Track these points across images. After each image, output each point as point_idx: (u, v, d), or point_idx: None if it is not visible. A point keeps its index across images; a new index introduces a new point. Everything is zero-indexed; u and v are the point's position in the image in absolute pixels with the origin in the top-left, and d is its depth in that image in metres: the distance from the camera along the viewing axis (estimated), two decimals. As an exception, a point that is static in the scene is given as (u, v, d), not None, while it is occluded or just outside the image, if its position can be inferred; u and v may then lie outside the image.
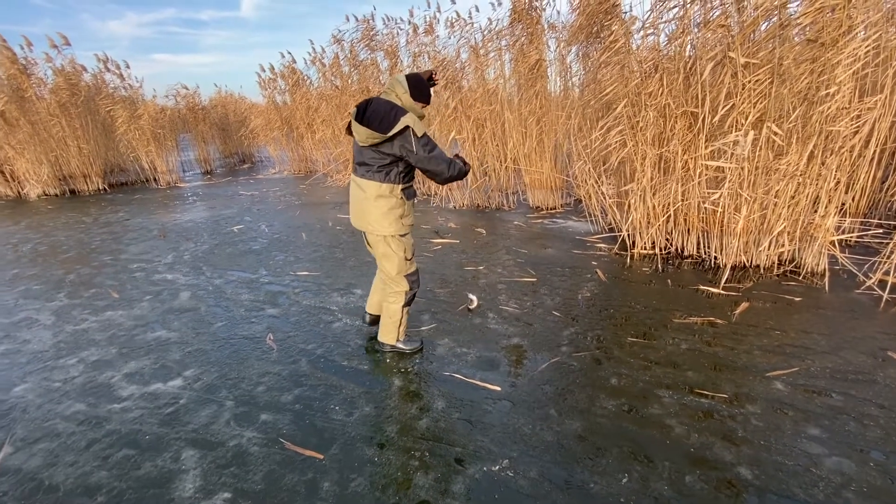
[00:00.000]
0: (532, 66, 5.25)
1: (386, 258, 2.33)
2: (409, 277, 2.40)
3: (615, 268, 3.81)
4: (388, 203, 2.21)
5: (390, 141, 2.08)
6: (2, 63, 8.02)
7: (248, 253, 4.51)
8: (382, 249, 2.31)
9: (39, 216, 6.68)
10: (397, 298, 2.43)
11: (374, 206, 2.21)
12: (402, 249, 2.32)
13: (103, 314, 3.20)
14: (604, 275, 3.66)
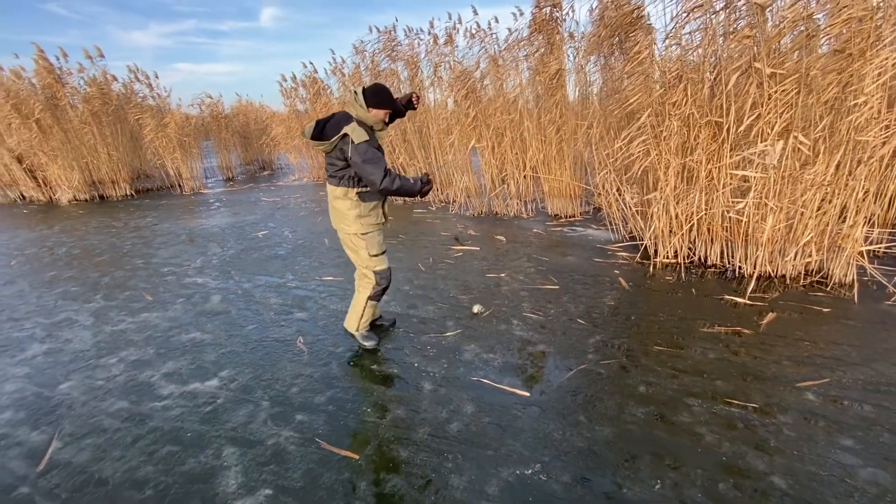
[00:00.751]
0: (553, 75, 5.31)
1: (352, 252, 2.61)
2: (378, 273, 2.61)
3: (638, 276, 3.81)
4: (345, 204, 2.48)
5: (336, 148, 2.37)
6: (38, 73, 8.36)
7: (274, 258, 4.62)
8: (349, 245, 2.59)
9: (72, 220, 6.92)
10: (364, 289, 2.66)
11: (337, 207, 2.51)
12: (363, 246, 2.56)
13: (139, 316, 3.31)
14: (626, 283, 3.66)
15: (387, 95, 2.42)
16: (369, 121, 2.41)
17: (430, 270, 4.10)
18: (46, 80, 8.38)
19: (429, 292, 3.58)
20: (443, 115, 6.50)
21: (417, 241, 5.06)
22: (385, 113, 2.44)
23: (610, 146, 4.21)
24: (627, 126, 3.76)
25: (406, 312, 3.23)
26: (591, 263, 4.17)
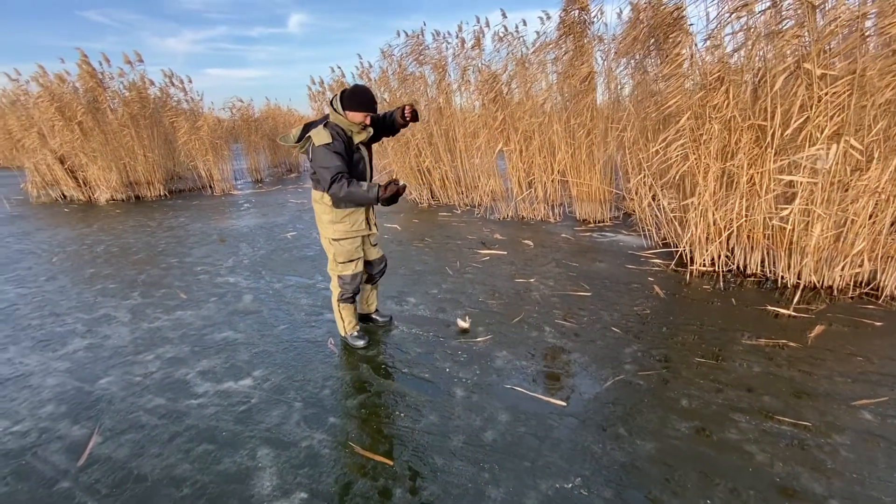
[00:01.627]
0: (583, 78, 5.22)
1: (327, 253, 2.68)
2: (341, 279, 2.66)
3: (673, 284, 3.69)
4: (320, 208, 2.55)
5: (306, 150, 2.47)
6: (82, 77, 8.72)
7: (303, 259, 4.67)
8: (324, 246, 2.66)
9: (109, 219, 7.16)
10: (334, 290, 2.73)
11: (315, 210, 2.61)
12: (331, 252, 2.61)
13: (174, 313, 3.38)
14: (661, 291, 3.55)
15: (363, 98, 2.37)
16: (344, 124, 2.39)
17: (457, 274, 4.06)
18: (89, 83, 8.72)
19: (457, 297, 3.54)
20: (470, 118, 6.47)
21: (444, 245, 5.04)
22: (363, 115, 2.38)
23: (644, 150, 4.10)
24: (664, 129, 3.65)
25: (435, 316, 3.20)
26: (623, 270, 4.06)
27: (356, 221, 2.57)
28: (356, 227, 2.59)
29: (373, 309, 3.09)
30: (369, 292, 3.02)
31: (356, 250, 2.64)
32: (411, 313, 3.26)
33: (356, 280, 2.68)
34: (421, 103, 7.30)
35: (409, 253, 4.79)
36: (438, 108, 7.13)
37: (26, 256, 5.07)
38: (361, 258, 2.68)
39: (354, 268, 2.65)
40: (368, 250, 2.77)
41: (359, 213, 2.58)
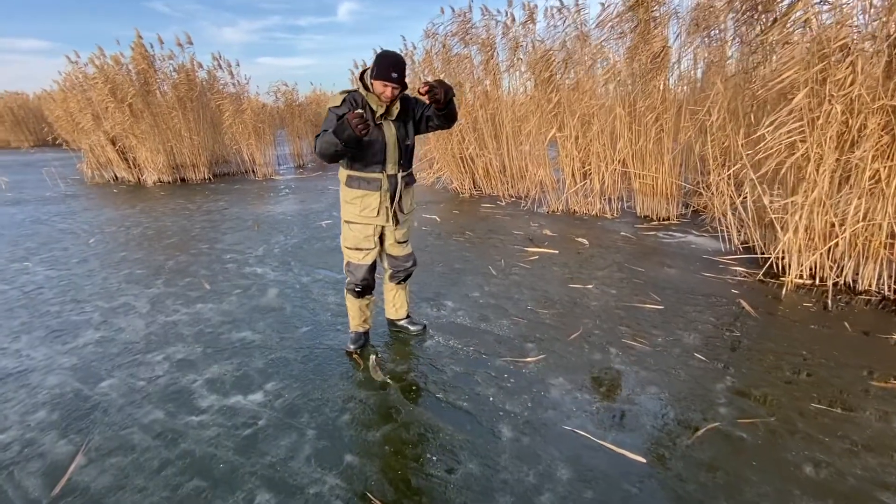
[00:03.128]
0: (656, 55, 4.54)
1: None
2: (347, 266, 2.41)
3: (764, 300, 3.06)
4: (340, 185, 2.31)
5: None
6: (135, 59, 8.82)
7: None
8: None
9: (153, 201, 7.18)
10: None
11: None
12: (342, 234, 2.39)
13: (194, 306, 3.12)
14: (751, 307, 2.93)
15: (383, 63, 2.00)
16: (370, 98, 2.08)
17: (502, 275, 3.59)
18: (141, 65, 8.81)
19: (502, 302, 3.08)
20: (520, 100, 5.90)
21: (486, 241, 4.57)
22: (382, 85, 2.02)
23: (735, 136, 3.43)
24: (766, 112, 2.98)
25: (476, 326, 2.76)
26: (698, 278, 3.44)
27: (367, 206, 2.23)
28: (366, 214, 2.24)
29: (402, 314, 2.68)
30: (395, 293, 2.61)
31: (365, 240, 2.30)
32: (448, 321, 2.83)
33: (362, 272, 2.35)
34: (465, 86, 6.79)
35: (449, 248, 4.36)
36: (484, 90, 6.60)
37: (66, 237, 5.06)
38: (372, 251, 2.33)
39: (361, 258, 2.34)
40: (391, 246, 2.39)
41: (371, 198, 2.21)
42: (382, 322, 2.78)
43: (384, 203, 2.23)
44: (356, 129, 1.85)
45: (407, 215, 2.36)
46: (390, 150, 2.16)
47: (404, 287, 2.61)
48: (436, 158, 7.21)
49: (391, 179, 2.20)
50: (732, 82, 3.51)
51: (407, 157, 2.24)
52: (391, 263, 2.47)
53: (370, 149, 2.13)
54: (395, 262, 2.46)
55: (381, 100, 2.06)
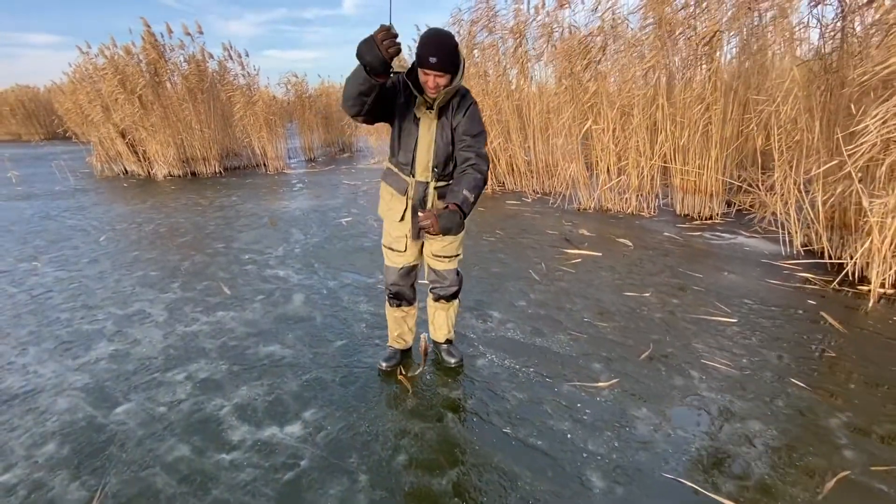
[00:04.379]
0: (707, 39, 4.18)
1: None
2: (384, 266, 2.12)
3: (848, 313, 2.73)
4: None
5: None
6: (144, 48, 8.53)
7: (360, 251, 4.06)
8: None
9: (163, 196, 6.93)
10: None
11: None
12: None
13: (215, 314, 2.85)
14: (837, 321, 2.61)
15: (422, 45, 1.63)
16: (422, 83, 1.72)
17: (546, 281, 3.29)
18: (151, 55, 8.53)
19: (553, 313, 2.78)
20: (555, 90, 5.56)
21: (519, 241, 4.26)
22: (423, 74, 1.66)
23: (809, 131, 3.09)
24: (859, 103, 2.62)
25: (531, 342, 2.46)
26: (764, 286, 3.12)
27: (393, 209, 1.95)
28: (391, 217, 1.96)
29: (439, 337, 2.26)
30: (434, 311, 2.21)
31: (397, 240, 1.99)
32: (499, 335, 2.53)
33: (392, 275, 2.07)
34: (491, 74, 6.44)
35: (481, 249, 4.06)
36: (509, 81, 6.26)
37: (76, 234, 4.81)
38: (403, 254, 2.01)
39: (392, 259, 2.06)
40: (429, 257, 2.04)
41: (397, 202, 1.92)
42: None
43: (408, 210, 1.90)
44: (382, 47, 1.41)
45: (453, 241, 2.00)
46: (421, 151, 1.81)
47: (445, 307, 2.18)
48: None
49: (420, 187, 1.86)
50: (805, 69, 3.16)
51: (448, 163, 1.86)
52: (430, 276, 2.12)
53: (402, 143, 1.84)
54: (433, 277, 2.11)
55: (427, 90, 1.68)
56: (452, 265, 2.06)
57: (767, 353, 2.32)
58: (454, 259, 2.05)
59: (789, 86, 3.07)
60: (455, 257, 2.05)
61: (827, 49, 3.11)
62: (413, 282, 2.13)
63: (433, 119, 1.78)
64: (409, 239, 1.96)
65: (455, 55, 1.64)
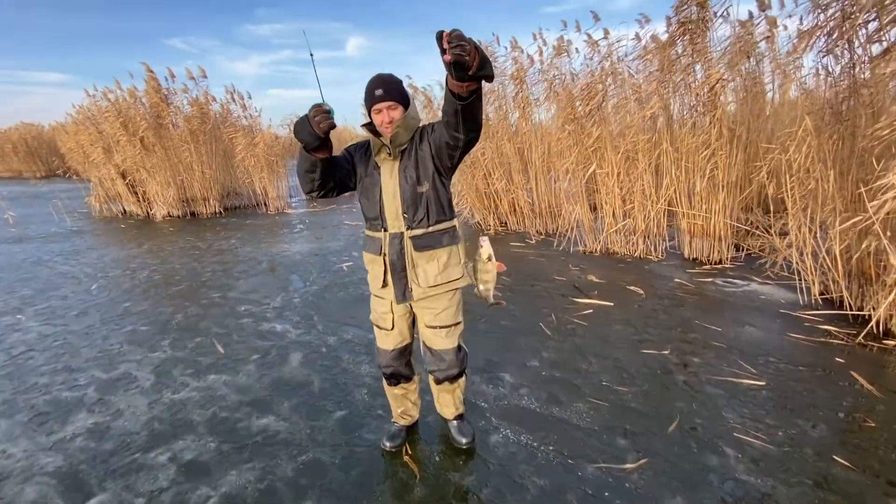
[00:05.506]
0: (711, 86, 4.20)
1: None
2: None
3: (880, 372, 2.56)
4: None
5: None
6: (148, 92, 8.67)
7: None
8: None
9: (160, 238, 6.82)
10: None
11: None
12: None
13: (205, 378, 2.66)
14: (869, 383, 2.44)
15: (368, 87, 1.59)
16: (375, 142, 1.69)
17: (558, 336, 3.12)
18: (154, 98, 8.66)
19: (570, 376, 2.60)
20: (557, 135, 5.56)
21: (527, 289, 4.12)
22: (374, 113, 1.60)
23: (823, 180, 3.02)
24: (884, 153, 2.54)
25: (548, 412, 2.27)
26: (788, 341, 2.96)
27: (374, 276, 1.78)
28: (374, 285, 1.79)
29: (447, 415, 2.04)
30: (437, 392, 1.98)
31: (382, 317, 1.80)
32: (512, 403, 2.35)
33: (384, 357, 1.86)
34: (492, 116, 6.49)
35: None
36: (510, 124, 6.31)
37: (67, 282, 4.66)
38: (391, 333, 1.80)
39: (380, 339, 1.86)
40: (423, 331, 1.80)
41: (375, 265, 1.75)
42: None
43: (388, 272, 1.70)
44: (313, 123, 1.40)
45: (433, 290, 1.69)
46: (388, 198, 1.64)
47: (449, 389, 1.92)
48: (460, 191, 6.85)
49: (394, 240, 1.66)
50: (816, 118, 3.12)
51: (421, 207, 1.63)
52: (425, 356, 1.85)
53: (367, 197, 1.70)
54: (429, 356, 1.84)
55: (383, 130, 1.60)
56: (451, 340, 1.78)
57: (804, 423, 2.13)
58: (453, 331, 1.77)
59: (802, 134, 3.02)
60: (454, 327, 1.77)
61: (838, 99, 3.08)
62: (409, 359, 1.92)
63: (394, 161, 1.63)
64: (395, 313, 1.76)
65: (401, 87, 1.60)
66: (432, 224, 1.66)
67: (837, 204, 3.04)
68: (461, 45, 1.15)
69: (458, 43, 1.15)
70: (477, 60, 1.20)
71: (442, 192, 1.66)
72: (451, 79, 1.26)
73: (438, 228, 1.67)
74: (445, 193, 1.67)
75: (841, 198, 3.06)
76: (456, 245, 1.71)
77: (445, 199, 1.67)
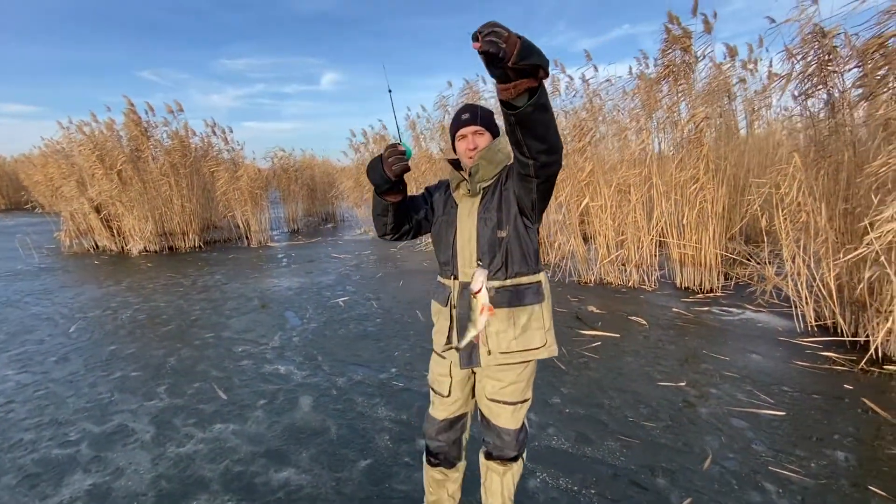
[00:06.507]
0: (697, 123, 4.43)
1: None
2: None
3: (890, 399, 2.64)
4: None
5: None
6: (127, 125, 8.48)
7: (365, 337, 3.79)
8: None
9: (140, 275, 6.51)
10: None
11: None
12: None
13: (211, 428, 2.49)
14: (884, 410, 2.50)
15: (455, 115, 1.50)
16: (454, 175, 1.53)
17: (573, 370, 3.10)
18: (133, 132, 8.47)
19: (593, 412, 2.56)
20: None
21: (533, 321, 4.10)
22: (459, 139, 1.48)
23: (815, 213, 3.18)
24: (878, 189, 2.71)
25: (580, 452, 2.22)
26: (795, 370, 3.03)
27: (437, 329, 1.56)
28: (437, 340, 1.55)
29: None
30: (486, 470, 1.62)
31: (438, 380, 1.56)
32: (543, 444, 2.28)
33: (431, 426, 1.60)
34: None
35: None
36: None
37: (42, 324, 4.35)
38: (445, 400, 1.55)
39: (433, 405, 1.60)
40: (482, 401, 1.54)
41: (441, 316, 1.53)
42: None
43: (454, 328, 1.46)
44: (386, 165, 1.28)
45: (505, 357, 1.42)
46: (462, 240, 1.44)
47: (500, 471, 1.58)
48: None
49: (466, 290, 1.38)
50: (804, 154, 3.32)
51: (500, 254, 1.41)
52: (482, 424, 1.58)
53: (440, 237, 1.52)
54: (486, 429, 1.56)
55: (466, 161, 1.45)
56: (516, 420, 1.50)
57: (832, 453, 2.15)
58: (520, 409, 1.50)
59: (792, 171, 3.20)
60: (521, 405, 1.50)
61: (820, 137, 3.30)
62: (460, 436, 1.62)
63: (475, 200, 1.44)
64: (453, 377, 1.51)
65: (492, 117, 1.47)
66: (511, 276, 1.42)
67: (830, 235, 3.20)
68: (494, 32, 0.92)
69: (491, 30, 0.92)
70: (518, 48, 0.93)
71: (525, 240, 1.42)
72: (496, 85, 1.04)
73: (519, 282, 1.43)
74: (530, 242, 1.43)
75: (832, 229, 3.23)
76: (540, 304, 1.44)
77: (530, 248, 1.43)
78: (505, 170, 1.45)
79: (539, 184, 1.27)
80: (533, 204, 1.35)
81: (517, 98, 1.03)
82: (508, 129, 1.15)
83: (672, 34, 4.62)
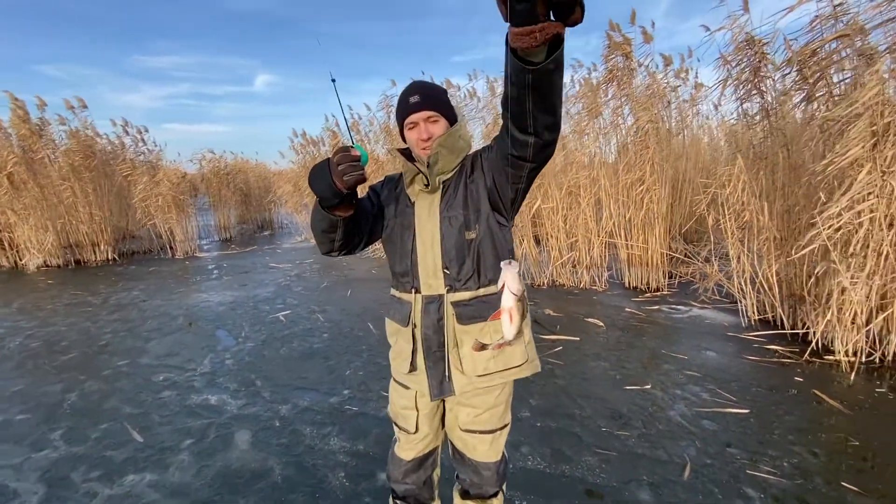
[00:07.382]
0: (641, 127, 4.52)
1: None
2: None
3: (836, 388, 2.74)
4: None
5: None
6: (14, 123, 7.36)
7: (312, 356, 3.41)
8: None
9: (36, 294, 5.59)
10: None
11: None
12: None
13: (122, 481, 2.04)
14: (834, 400, 2.58)
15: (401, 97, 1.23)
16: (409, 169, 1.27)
17: (539, 378, 2.95)
18: (21, 130, 7.37)
19: (565, 424, 2.42)
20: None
21: (491, 328, 3.93)
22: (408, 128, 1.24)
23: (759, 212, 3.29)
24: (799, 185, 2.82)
25: (557, 469, 2.04)
26: (748, 365, 3.09)
27: (397, 354, 1.30)
28: (397, 367, 1.32)
29: None
30: None
31: (401, 414, 1.34)
32: (518, 465, 2.08)
33: (396, 468, 1.38)
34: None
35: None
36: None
37: None
38: (412, 437, 1.33)
39: (398, 443, 1.38)
40: (452, 432, 1.34)
41: (401, 338, 1.28)
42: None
43: (419, 352, 1.24)
44: (335, 173, 1.00)
45: (483, 381, 1.22)
46: (423, 246, 1.21)
47: None
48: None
49: (430, 306, 1.21)
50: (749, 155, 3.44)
51: (469, 260, 1.19)
52: (455, 459, 1.38)
53: (394, 244, 1.27)
54: (460, 465, 1.37)
55: (419, 152, 1.21)
56: (495, 450, 1.32)
57: (800, 450, 2.15)
58: (499, 436, 1.31)
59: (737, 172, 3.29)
60: (500, 432, 1.31)
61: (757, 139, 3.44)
62: (431, 474, 1.41)
63: (434, 197, 1.21)
64: (420, 410, 1.29)
65: (445, 96, 1.23)
66: (484, 285, 1.21)
67: (773, 233, 3.32)
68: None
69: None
70: None
71: (500, 240, 1.21)
72: (512, 30, 0.73)
73: (492, 292, 1.20)
74: (505, 242, 1.22)
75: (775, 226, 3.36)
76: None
77: (505, 249, 1.22)
78: (467, 160, 1.24)
79: (532, 169, 1.07)
80: (516, 195, 1.16)
81: (536, 50, 0.76)
82: (514, 96, 0.87)
83: (613, 41, 4.71)
